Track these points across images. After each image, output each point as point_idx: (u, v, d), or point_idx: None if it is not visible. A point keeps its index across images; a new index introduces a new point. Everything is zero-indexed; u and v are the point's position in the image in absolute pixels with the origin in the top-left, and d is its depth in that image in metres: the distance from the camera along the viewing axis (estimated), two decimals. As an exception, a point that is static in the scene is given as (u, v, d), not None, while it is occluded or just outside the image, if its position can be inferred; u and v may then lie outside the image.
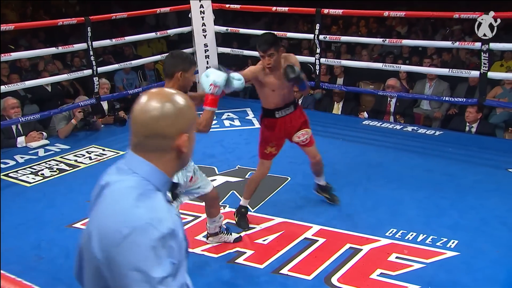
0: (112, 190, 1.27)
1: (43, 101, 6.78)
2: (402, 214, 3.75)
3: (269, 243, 3.43)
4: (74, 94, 7.53)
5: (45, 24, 5.57)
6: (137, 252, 1.15)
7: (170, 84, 2.76)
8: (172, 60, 2.78)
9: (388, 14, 5.35)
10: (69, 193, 4.17)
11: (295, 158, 4.85)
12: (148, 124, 1.27)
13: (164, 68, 2.81)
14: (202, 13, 6.34)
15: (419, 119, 6.24)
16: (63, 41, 9.23)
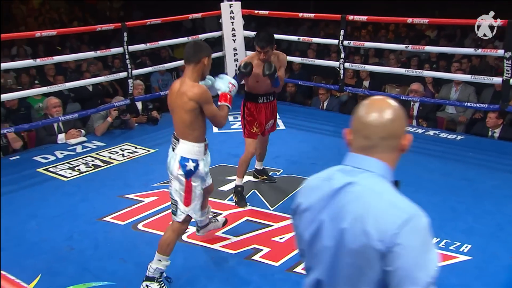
0: (363, 187, 1.36)
1: (85, 100, 7.00)
2: (417, 217, 3.68)
3: (286, 241, 3.44)
4: (113, 93, 7.75)
5: (85, 30, 5.71)
6: (418, 234, 1.29)
7: (195, 69, 2.77)
8: (197, 46, 2.84)
9: (412, 21, 5.23)
10: (101, 188, 4.28)
11: (318, 159, 4.85)
12: (386, 126, 1.38)
13: (188, 54, 2.79)
14: (232, 19, 6.39)
15: (442, 123, 6.10)
16: (105, 43, 9.50)
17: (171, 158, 2.90)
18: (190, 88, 2.74)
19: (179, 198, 2.85)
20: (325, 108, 6.78)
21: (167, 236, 2.89)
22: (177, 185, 2.84)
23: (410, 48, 5.51)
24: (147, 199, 4.06)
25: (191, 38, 6.31)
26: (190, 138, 2.84)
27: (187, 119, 2.79)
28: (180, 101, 2.77)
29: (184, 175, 2.82)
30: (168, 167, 2.91)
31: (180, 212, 2.86)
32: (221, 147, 5.24)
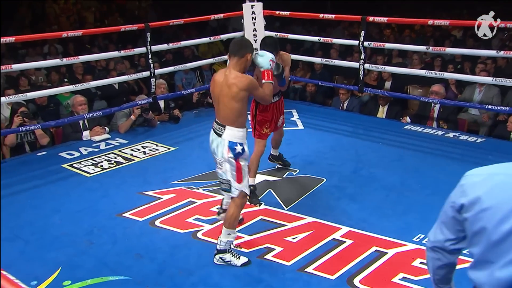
0: None
1: (111, 97, 7.14)
2: (432, 220, 3.55)
3: (298, 241, 3.46)
4: (138, 91, 7.89)
5: (110, 30, 5.82)
6: None
7: (239, 62, 3.09)
8: (243, 42, 3.17)
9: (432, 23, 5.16)
10: (122, 184, 4.38)
11: (335, 159, 4.85)
12: None
13: (234, 48, 3.10)
14: (254, 19, 6.41)
15: (463, 125, 5.99)
16: (133, 42, 9.65)
17: (217, 143, 3.17)
18: (240, 79, 3.05)
19: (231, 178, 3.14)
20: (345, 108, 6.74)
21: (231, 211, 3.18)
22: (227, 167, 3.13)
23: (431, 50, 5.42)
24: (165, 196, 4.13)
25: (212, 39, 6.39)
26: (236, 124, 3.13)
27: (235, 107, 3.08)
28: (229, 91, 3.06)
29: (233, 157, 3.11)
30: (215, 152, 3.20)
31: (235, 189, 3.16)
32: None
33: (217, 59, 6.75)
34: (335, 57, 8.58)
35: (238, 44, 3.13)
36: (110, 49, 9.62)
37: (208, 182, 4.38)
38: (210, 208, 3.91)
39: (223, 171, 3.17)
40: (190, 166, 4.74)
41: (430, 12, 12.79)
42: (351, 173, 4.56)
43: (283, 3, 6.52)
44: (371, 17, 5.52)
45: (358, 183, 4.32)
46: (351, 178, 4.43)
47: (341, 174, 4.52)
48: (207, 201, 4.05)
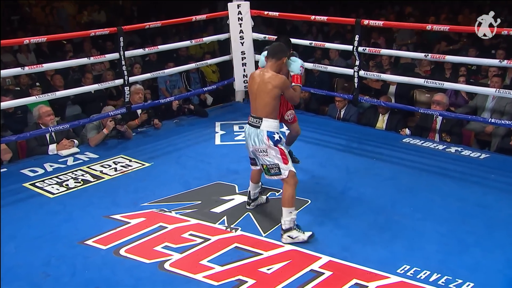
0: None
1: (86, 102, 7.25)
2: (420, 248, 3.75)
3: (273, 272, 3.55)
4: (116, 95, 8.00)
5: (74, 35, 5.91)
6: None
7: (276, 64, 3.91)
8: (281, 47, 3.99)
9: (431, 28, 5.26)
10: (87, 206, 4.48)
11: (323, 178, 4.95)
12: None
13: (273, 52, 3.93)
14: (240, 20, 6.52)
15: (469, 138, 6.07)
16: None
17: (256, 134, 3.90)
18: (274, 77, 3.86)
19: (279, 161, 3.87)
20: (342, 117, 6.84)
21: (287, 192, 3.87)
22: (272, 152, 3.87)
23: (430, 58, 5.52)
24: (133, 221, 4.23)
25: (194, 42, 6.50)
26: (272, 116, 3.90)
27: (271, 102, 3.87)
28: (266, 88, 3.86)
29: (273, 144, 3.86)
30: (254, 144, 3.93)
31: (284, 170, 3.87)
32: (220, 161, 5.39)
33: (201, 63, 6.85)
34: (334, 57, 8.72)
35: (277, 49, 3.96)
36: (86, 48, 9.85)
37: (183, 204, 4.48)
38: (182, 235, 4.00)
39: (269, 157, 3.88)
40: (164, 185, 4.85)
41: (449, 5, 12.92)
42: (339, 193, 4.65)
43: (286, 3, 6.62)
44: (365, 21, 5.62)
45: (344, 205, 4.42)
46: (338, 200, 4.53)
47: (328, 195, 4.61)
48: (179, 226, 4.14)
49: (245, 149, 5.56)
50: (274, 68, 3.92)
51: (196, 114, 6.80)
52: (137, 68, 8.25)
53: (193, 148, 5.77)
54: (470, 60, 6.16)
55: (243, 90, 7.20)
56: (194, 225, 4.14)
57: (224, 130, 6.28)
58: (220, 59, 6.94)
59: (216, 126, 6.42)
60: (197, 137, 6.10)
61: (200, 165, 5.32)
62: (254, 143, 3.93)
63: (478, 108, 6.79)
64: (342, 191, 4.69)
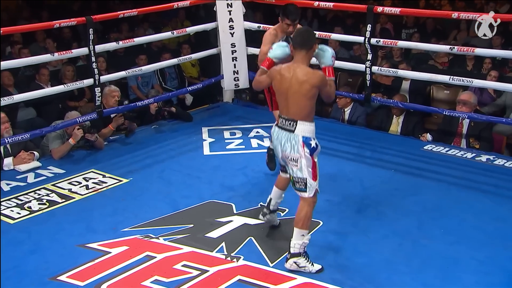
0: None
1: (41, 103, 7.15)
2: (457, 279, 3.79)
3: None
4: (78, 95, 7.95)
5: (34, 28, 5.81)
6: None
7: (308, 55, 3.83)
8: (310, 33, 3.93)
9: (457, 16, 5.34)
10: (57, 233, 4.43)
11: (334, 194, 4.97)
12: None
13: (302, 41, 3.83)
14: (229, 6, 6.52)
15: (500, 144, 6.16)
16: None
17: (289, 140, 3.85)
18: (311, 75, 3.78)
19: (308, 175, 3.84)
20: (347, 119, 6.89)
21: (305, 211, 3.87)
22: (303, 163, 3.83)
23: (457, 51, 5.58)
24: (114, 250, 4.19)
25: (176, 33, 6.48)
26: (308, 119, 3.85)
27: (308, 103, 3.82)
28: (301, 88, 3.78)
29: (309, 153, 3.82)
30: (285, 150, 3.88)
31: (311, 187, 3.86)
32: (212, 176, 5.40)
33: (184, 58, 6.83)
34: (335, 48, 8.76)
35: (306, 35, 3.88)
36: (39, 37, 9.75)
37: (172, 228, 4.47)
38: (174, 266, 3.99)
39: (298, 168, 3.84)
40: (147, 205, 4.83)
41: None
42: (355, 213, 4.69)
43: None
44: (379, 8, 5.68)
45: (363, 228, 4.45)
46: (354, 221, 4.56)
47: (342, 215, 4.64)
48: (169, 255, 4.12)
49: (240, 160, 5.70)
50: (307, 60, 3.85)
51: (178, 118, 6.77)
52: (100, 63, 8.19)
53: (178, 160, 5.75)
54: (503, 54, 6.21)
55: (233, 90, 7.21)
56: (187, 254, 4.12)
57: (213, 137, 6.28)
58: (206, 52, 6.92)
59: (203, 133, 6.42)
60: (181, 146, 6.09)
61: (188, 180, 5.31)
62: (285, 149, 3.89)
63: (507, 107, 6.91)
64: (358, 210, 4.73)
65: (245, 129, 6.50)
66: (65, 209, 4.83)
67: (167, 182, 5.30)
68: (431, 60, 8.90)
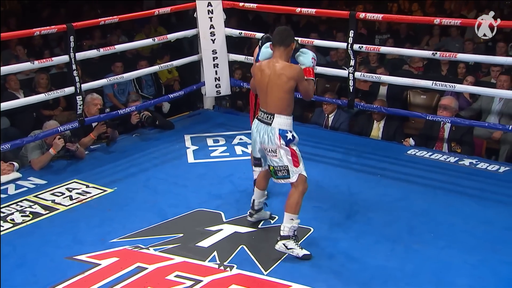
0: None
1: (15, 112, 7.00)
2: (451, 284, 3.83)
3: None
4: (53, 104, 7.82)
5: (22, 34, 5.69)
6: None
7: (285, 51, 4.05)
8: (287, 32, 4.10)
9: (440, 22, 5.43)
10: (43, 246, 4.34)
11: (322, 200, 4.98)
12: None
13: (280, 38, 4.05)
14: (210, 13, 6.51)
15: (481, 147, 6.27)
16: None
17: (266, 132, 4.06)
18: (288, 68, 4.00)
19: (288, 162, 4.05)
20: (330, 124, 6.92)
21: (293, 197, 4.09)
22: (282, 152, 4.04)
23: (439, 56, 5.66)
24: (104, 262, 4.12)
25: (157, 40, 6.43)
26: (285, 112, 4.06)
27: (285, 96, 4.02)
28: (280, 81, 3.99)
29: (285, 144, 4.03)
30: (263, 142, 4.09)
31: (294, 173, 4.07)
32: (198, 184, 5.36)
33: (165, 65, 6.78)
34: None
35: (284, 34, 4.08)
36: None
37: (161, 238, 4.41)
38: (166, 277, 3.93)
39: (278, 157, 4.05)
40: (134, 215, 4.77)
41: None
42: (345, 219, 4.70)
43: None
44: (361, 14, 5.73)
45: (354, 233, 4.46)
46: (344, 226, 4.58)
47: (332, 221, 4.65)
48: (161, 265, 4.06)
49: (225, 167, 5.68)
50: (285, 56, 4.05)
51: (160, 127, 6.69)
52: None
53: (162, 168, 5.70)
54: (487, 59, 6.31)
55: (214, 97, 7.18)
56: (179, 264, 4.07)
57: (196, 145, 6.24)
58: (187, 59, 6.89)
59: (186, 140, 6.38)
60: (165, 154, 6.04)
61: (174, 189, 5.26)
62: (263, 141, 4.10)
63: (483, 111, 7.03)
64: (347, 216, 4.74)
65: (228, 136, 6.48)
66: (49, 220, 4.74)
67: (153, 191, 5.25)
68: (405, 65, 9.01)
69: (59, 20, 11.51)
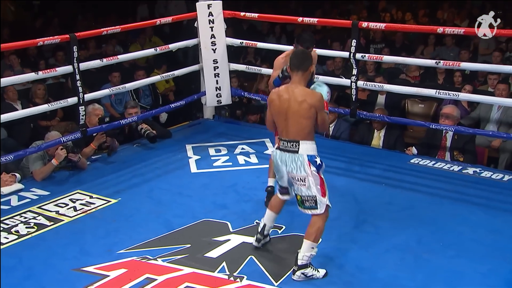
0: None
1: (12, 123, 6.94)
2: (463, 292, 3.83)
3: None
4: (50, 115, 7.77)
5: (25, 45, 5.65)
6: None
7: (304, 76, 3.95)
8: (305, 55, 4.02)
9: (443, 31, 5.46)
10: (50, 258, 4.30)
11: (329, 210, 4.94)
12: None
13: (298, 63, 3.95)
14: (211, 23, 6.50)
15: (483, 156, 6.30)
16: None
17: (294, 161, 3.93)
18: (311, 95, 3.92)
19: (317, 192, 3.94)
20: (331, 134, 6.93)
21: (317, 225, 3.98)
22: (311, 181, 3.93)
23: (442, 65, 5.70)
24: (112, 273, 4.08)
25: (159, 50, 6.41)
26: (309, 138, 3.96)
27: (308, 123, 3.91)
28: (300, 108, 3.88)
29: (316, 170, 3.94)
30: (291, 171, 3.96)
31: (322, 204, 3.97)
32: (203, 194, 5.34)
33: (166, 74, 6.75)
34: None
35: (301, 58, 3.98)
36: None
37: (169, 249, 4.38)
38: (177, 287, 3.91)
39: (307, 186, 3.94)
40: (140, 226, 4.74)
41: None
42: (353, 228, 4.70)
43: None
44: (364, 23, 5.76)
45: (363, 243, 4.46)
46: (353, 236, 4.57)
47: (340, 231, 4.64)
48: (171, 276, 4.03)
49: (230, 178, 5.66)
50: (304, 81, 3.96)
51: (159, 137, 6.64)
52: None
53: (165, 179, 5.68)
54: (487, 68, 6.37)
55: (214, 106, 7.17)
56: (189, 275, 4.05)
57: (198, 155, 6.22)
58: (188, 69, 6.87)
59: (188, 150, 6.36)
60: (167, 164, 6.01)
61: (179, 199, 5.24)
62: (290, 170, 3.96)
63: (482, 120, 7.07)
64: (355, 226, 4.74)
65: (230, 145, 6.46)
66: (55, 232, 4.70)
67: (157, 201, 5.22)
68: (402, 74, 9.06)
69: (52, 30, 11.58)
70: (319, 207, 3.95)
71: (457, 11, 12.68)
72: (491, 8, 12.99)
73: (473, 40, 10.44)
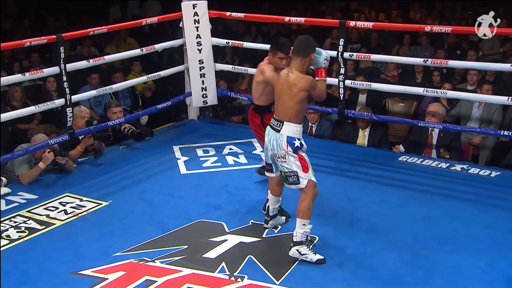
0: None
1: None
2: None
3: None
4: (28, 117, 7.59)
5: (12, 45, 5.54)
6: None
7: (303, 62, 4.09)
8: (308, 42, 4.15)
9: (430, 30, 5.53)
10: (45, 262, 4.22)
11: (322, 208, 4.95)
12: None
13: (299, 48, 4.10)
14: (197, 22, 6.46)
15: (468, 153, 6.39)
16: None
17: (275, 138, 4.16)
18: (300, 79, 4.05)
19: (297, 168, 4.13)
20: (314, 133, 6.95)
21: (304, 203, 4.15)
22: (291, 159, 4.14)
23: (430, 63, 5.77)
24: (111, 276, 4.03)
25: (145, 50, 6.35)
26: (294, 120, 4.13)
27: (294, 106, 4.09)
28: (290, 91, 4.08)
29: (292, 151, 4.11)
30: (274, 148, 4.18)
31: (303, 179, 4.14)
32: (195, 195, 5.31)
33: (152, 75, 6.66)
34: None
35: (304, 44, 4.12)
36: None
37: (166, 250, 4.34)
38: (178, 289, 3.87)
39: (288, 163, 4.14)
40: (134, 228, 4.69)
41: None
42: (348, 226, 4.72)
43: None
44: (351, 22, 5.80)
45: (359, 241, 4.48)
46: (349, 234, 4.59)
47: (336, 229, 4.66)
48: (170, 278, 4.00)
49: (221, 178, 5.64)
50: (301, 67, 4.10)
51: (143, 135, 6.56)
52: (51, 83, 7.95)
53: (155, 180, 5.63)
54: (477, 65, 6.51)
55: (199, 107, 7.13)
56: (189, 276, 4.02)
57: (186, 156, 6.17)
58: (173, 69, 6.82)
59: (175, 151, 6.30)
60: (156, 165, 5.96)
61: (171, 200, 5.20)
62: (273, 147, 4.20)
63: (462, 118, 7.18)
64: (350, 224, 4.76)
65: (218, 146, 6.43)
66: (47, 236, 4.62)
67: (150, 203, 5.16)
68: (382, 74, 9.15)
69: (23, 32, 11.36)
70: (301, 181, 4.14)
71: (428, 12, 12.87)
72: (461, 8, 13.31)
73: (446, 39, 10.63)
